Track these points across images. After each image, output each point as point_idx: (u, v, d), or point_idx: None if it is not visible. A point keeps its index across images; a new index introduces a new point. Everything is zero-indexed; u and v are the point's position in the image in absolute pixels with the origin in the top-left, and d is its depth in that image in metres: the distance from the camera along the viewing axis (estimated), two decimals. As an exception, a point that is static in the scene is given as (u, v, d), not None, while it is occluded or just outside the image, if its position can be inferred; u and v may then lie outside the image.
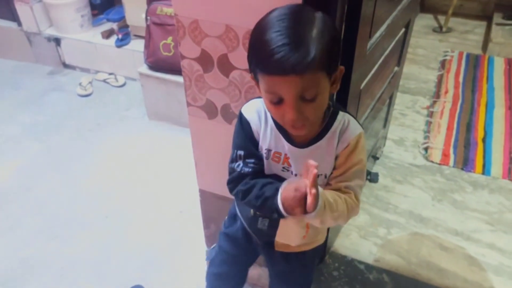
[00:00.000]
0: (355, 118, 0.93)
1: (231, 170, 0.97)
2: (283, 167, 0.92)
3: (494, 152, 2.17)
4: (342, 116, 0.90)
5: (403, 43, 1.72)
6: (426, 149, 2.19)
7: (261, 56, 0.73)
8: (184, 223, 1.95)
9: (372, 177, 1.98)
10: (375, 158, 2.02)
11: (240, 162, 0.94)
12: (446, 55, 3.00)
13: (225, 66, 1.07)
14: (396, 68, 1.78)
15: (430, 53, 3.05)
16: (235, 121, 1.16)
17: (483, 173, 2.05)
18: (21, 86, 3.00)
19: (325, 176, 0.91)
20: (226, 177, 1.32)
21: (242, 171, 0.93)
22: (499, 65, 2.89)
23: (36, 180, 2.23)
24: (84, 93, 2.87)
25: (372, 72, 1.36)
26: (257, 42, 0.74)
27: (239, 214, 1.11)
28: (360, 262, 1.61)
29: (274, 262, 1.13)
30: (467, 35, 3.32)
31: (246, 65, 1.04)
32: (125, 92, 2.91)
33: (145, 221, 1.97)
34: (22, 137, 2.53)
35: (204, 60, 1.08)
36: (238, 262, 1.22)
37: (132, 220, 1.99)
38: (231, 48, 1.03)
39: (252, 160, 0.93)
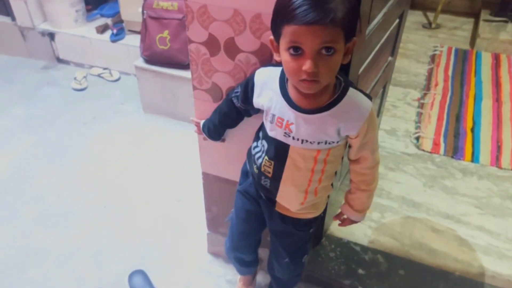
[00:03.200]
0: (364, 92, 0.97)
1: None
2: (285, 132, 0.99)
3: (482, 141, 2.25)
4: (353, 93, 0.94)
5: (397, 33, 1.77)
6: (417, 138, 2.26)
7: (289, 9, 0.78)
8: (183, 211, 1.99)
9: (366, 165, 2.04)
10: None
11: (233, 92, 1.12)
12: (435, 50, 3.08)
13: (232, 49, 1.11)
14: (390, 58, 1.84)
15: (420, 48, 3.14)
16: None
17: (472, 161, 2.12)
18: (15, 81, 2.99)
19: (325, 143, 0.98)
20: (228, 159, 1.36)
21: (229, 96, 1.14)
22: (487, 60, 2.99)
23: (33, 172, 2.24)
24: (79, 87, 2.88)
25: (369, 58, 1.42)
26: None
27: (249, 169, 1.17)
28: (356, 244, 1.67)
29: (272, 221, 1.20)
30: (455, 31, 3.41)
31: (252, 47, 1.09)
32: (120, 87, 2.93)
33: (143, 210, 2.00)
34: (17, 131, 2.54)
35: (211, 43, 1.12)
36: (253, 219, 1.26)
37: (130, 209, 2.01)
38: (238, 32, 1.07)
39: (238, 93, 1.10)
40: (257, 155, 1.09)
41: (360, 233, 1.73)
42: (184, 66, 2.39)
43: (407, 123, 2.40)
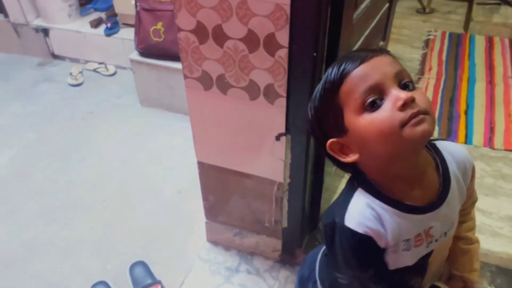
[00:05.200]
0: (444, 139, 0.84)
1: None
2: (428, 243, 0.78)
3: (475, 123, 2.27)
4: (442, 145, 0.79)
5: (388, 17, 1.79)
6: (411, 122, 2.28)
7: (341, 69, 0.68)
8: (183, 202, 2.01)
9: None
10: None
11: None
12: (429, 35, 3.09)
13: (220, 37, 1.13)
14: (381, 43, 1.86)
15: (414, 33, 3.15)
16: (230, 91, 1.23)
17: (465, 143, 2.15)
18: (11, 78, 3.01)
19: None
20: (223, 148, 1.38)
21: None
22: (480, 43, 3.00)
23: (33, 167, 2.27)
24: (75, 82, 2.90)
25: (358, 43, 1.44)
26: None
27: None
28: (352, 228, 1.69)
29: None
30: (449, 15, 3.41)
31: (239, 34, 1.10)
32: (116, 81, 2.95)
33: (143, 202, 2.03)
34: (15, 127, 2.56)
35: (200, 31, 1.14)
36: None
37: (130, 202, 2.04)
38: (225, 18, 1.09)
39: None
40: None
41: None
42: (179, 58, 2.39)
43: (401, 107, 2.42)
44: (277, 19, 1.05)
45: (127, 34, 2.85)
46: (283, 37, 1.08)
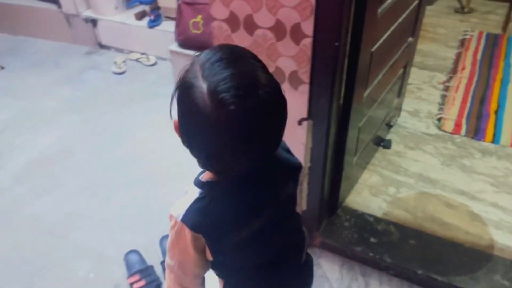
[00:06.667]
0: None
1: None
2: None
3: (505, 123, 2.26)
4: None
5: (417, 13, 1.82)
6: (439, 119, 2.30)
7: None
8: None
9: (385, 144, 2.11)
10: (389, 126, 2.15)
11: None
12: (466, 34, 3.07)
13: (250, 26, 1.23)
14: (410, 39, 1.90)
15: (450, 32, 3.13)
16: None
17: (492, 142, 2.15)
18: (61, 65, 3.23)
19: None
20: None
21: None
22: (518, 44, 2.95)
23: (76, 147, 2.46)
24: (119, 71, 3.08)
25: (384, 37, 1.50)
26: None
27: None
28: (370, 215, 1.76)
29: None
30: (488, 15, 3.36)
31: (268, 24, 1.20)
32: (156, 71, 3.10)
33: (174, 183, 2.13)
34: (62, 110, 2.76)
35: (232, 20, 1.24)
36: None
37: (162, 182, 2.17)
38: (256, 9, 1.19)
39: None
40: None
41: (375, 205, 1.82)
42: (215, 49, 2.51)
43: (431, 105, 2.44)
44: (303, 9, 1.14)
45: (168, 26, 2.99)
46: (308, 27, 1.16)
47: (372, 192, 1.88)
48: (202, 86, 0.64)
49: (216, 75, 0.64)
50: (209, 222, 0.78)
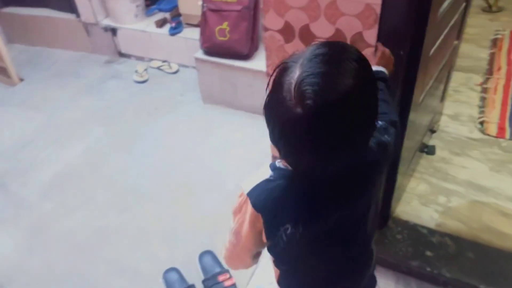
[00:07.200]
0: None
1: None
2: None
3: (550, 124, 2.17)
4: None
5: (463, 17, 1.75)
6: (481, 123, 2.21)
7: None
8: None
9: (429, 150, 2.03)
10: (432, 131, 2.07)
11: None
12: (497, 34, 2.97)
13: (306, 36, 1.15)
14: (455, 42, 1.82)
15: (481, 32, 3.04)
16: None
17: (536, 143, 2.06)
18: (81, 75, 3.18)
19: None
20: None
21: None
22: (552, 42, 2.85)
23: (104, 159, 2.39)
24: (141, 79, 3.02)
25: (439, 40, 1.42)
26: None
27: None
28: (423, 227, 1.68)
29: None
30: (517, 13, 3.27)
31: (326, 34, 1.12)
32: (179, 78, 3.04)
33: (207, 194, 2.09)
34: (86, 121, 2.70)
35: (287, 31, 1.17)
36: None
37: (194, 194, 2.11)
38: (313, 18, 1.11)
39: None
40: None
41: (426, 216, 1.73)
42: (243, 57, 2.45)
43: (471, 108, 2.35)
44: (366, 18, 1.06)
45: (190, 33, 2.94)
46: (371, 36, 1.09)
47: (421, 201, 1.79)
48: (296, 72, 0.65)
49: (311, 68, 0.64)
50: (270, 205, 0.81)
